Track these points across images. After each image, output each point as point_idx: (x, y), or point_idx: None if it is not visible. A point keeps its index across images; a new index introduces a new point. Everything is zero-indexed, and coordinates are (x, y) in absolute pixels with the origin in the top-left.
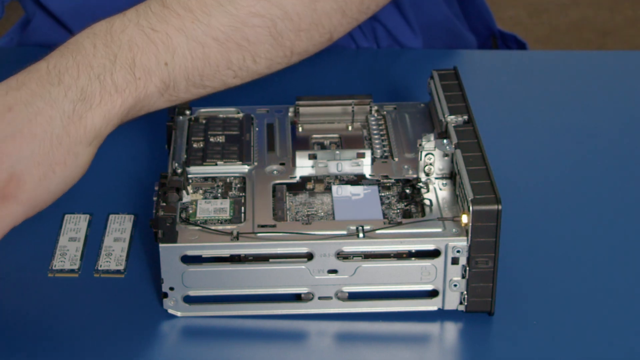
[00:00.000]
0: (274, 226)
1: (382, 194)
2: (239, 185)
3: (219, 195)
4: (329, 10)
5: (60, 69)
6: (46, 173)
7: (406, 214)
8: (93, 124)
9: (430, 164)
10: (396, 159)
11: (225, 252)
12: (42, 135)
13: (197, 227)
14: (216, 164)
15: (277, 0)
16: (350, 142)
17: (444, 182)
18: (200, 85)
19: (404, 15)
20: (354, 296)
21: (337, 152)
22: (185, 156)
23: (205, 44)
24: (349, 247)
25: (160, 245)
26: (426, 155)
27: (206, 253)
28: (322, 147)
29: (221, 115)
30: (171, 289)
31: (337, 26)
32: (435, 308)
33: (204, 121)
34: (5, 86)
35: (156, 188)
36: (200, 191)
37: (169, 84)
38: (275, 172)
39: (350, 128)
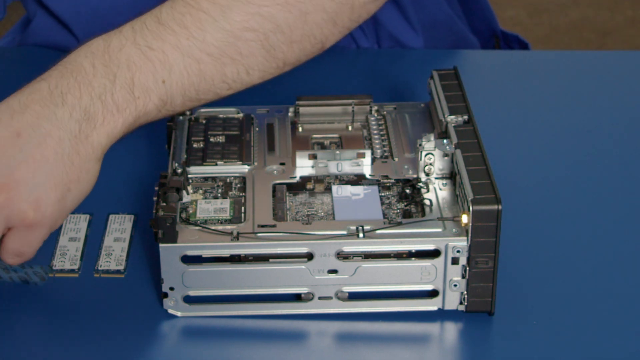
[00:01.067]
0: (274, 226)
1: (382, 194)
2: (239, 185)
3: (219, 195)
4: (319, 22)
5: (62, 89)
6: (63, 193)
7: (406, 214)
8: (99, 142)
9: (430, 164)
10: (396, 159)
11: (225, 252)
12: (53, 157)
13: (197, 227)
14: (216, 164)
15: (269, 14)
16: (350, 142)
17: (444, 182)
18: (196, 99)
19: (406, 15)
20: (354, 296)
21: (337, 152)
22: (185, 156)
23: (201, 60)
24: (349, 247)
25: (160, 245)
26: (426, 155)
27: (206, 253)
28: (322, 147)
29: (221, 115)
30: (171, 289)
31: (329, 36)
32: (435, 308)
33: (204, 121)
34: (8, 109)
35: (156, 188)
36: (200, 191)
37: (166, 101)
38: (275, 172)
39: (350, 128)
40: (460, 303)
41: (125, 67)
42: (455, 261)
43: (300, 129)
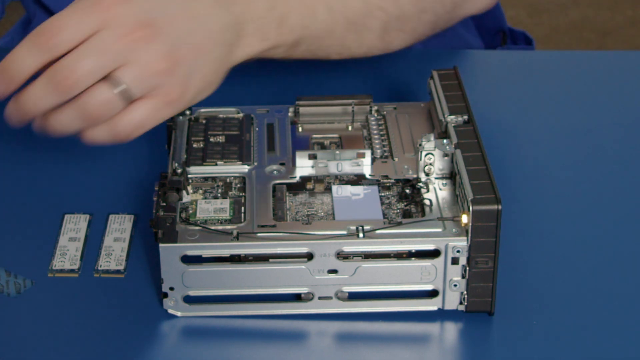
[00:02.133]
0: (274, 226)
1: (382, 194)
2: (239, 185)
3: (219, 195)
4: (426, 22)
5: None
6: (202, 89)
7: (406, 214)
8: (235, 60)
9: (430, 164)
10: (396, 159)
11: (225, 252)
12: (212, 49)
13: (197, 227)
14: (216, 164)
15: (400, 2)
16: (350, 142)
17: (444, 182)
18: (311, 53)
19: None
20: (354, 296)
21: (337, 152)
22: (185, 156)
23: (337, 21)
24: (349, 247)
25: (160, 245)
26: (426, 155)
27: (206, 253)
28: (322, 147)
29: (221, 115)
30: (171, 289)
31: (421, 36)
32: (435, 308)
33: (204, 121)
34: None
35: (156, 188)
36: (200, 191)
37: (296, 46)
38: (275, 172)
39: (350, 128)
40: (460, 303)
41: (282, 3)
42: (455, 261)
43: (300, 129)
